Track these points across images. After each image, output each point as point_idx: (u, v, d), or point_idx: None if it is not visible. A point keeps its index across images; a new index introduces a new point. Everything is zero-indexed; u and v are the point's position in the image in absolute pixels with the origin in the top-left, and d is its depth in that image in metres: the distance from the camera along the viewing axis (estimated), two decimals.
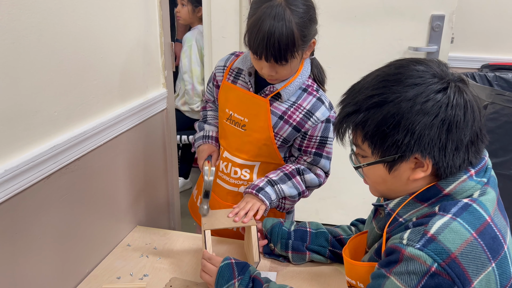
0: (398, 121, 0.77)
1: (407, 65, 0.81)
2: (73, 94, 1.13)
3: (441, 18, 2.17)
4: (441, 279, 0.72)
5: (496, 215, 0.80)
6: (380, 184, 0.88)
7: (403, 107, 0.77)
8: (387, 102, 0.78)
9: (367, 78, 0.85)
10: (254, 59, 1.19)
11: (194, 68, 2.83)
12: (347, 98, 0.86)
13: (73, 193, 1.16)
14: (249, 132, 1.31)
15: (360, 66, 2.29)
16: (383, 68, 0.85)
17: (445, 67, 0.82)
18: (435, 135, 0.77)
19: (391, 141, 0.79)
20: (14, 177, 0.94)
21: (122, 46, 1.34)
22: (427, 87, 0.77)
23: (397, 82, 0.79)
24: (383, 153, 0.81)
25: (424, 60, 0.83)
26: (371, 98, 0.80)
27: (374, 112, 0.79)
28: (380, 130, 0.79)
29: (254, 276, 1.05)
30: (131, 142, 1.44)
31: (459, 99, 0.77)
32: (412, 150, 0.78)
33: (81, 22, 1.13)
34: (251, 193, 1.28)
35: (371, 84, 0.82)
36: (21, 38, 0.94)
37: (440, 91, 0.77)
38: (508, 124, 1.96)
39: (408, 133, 0.77)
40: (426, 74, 0.79)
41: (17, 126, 0.96)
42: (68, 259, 1.17)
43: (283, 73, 1.21)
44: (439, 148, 0.78)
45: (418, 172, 0.81)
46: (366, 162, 0.86)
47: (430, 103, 0.76)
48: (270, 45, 1.10)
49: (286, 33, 1.09)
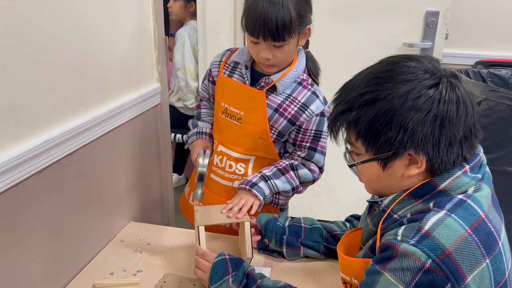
0: (390, 118, 0.77)
1: (398, 62, 0.81)
2: (66, 88, 1.12)
3: (435, 14, 2.17)
4: (435, 275, 0.71)
5: (490, 211, 0.80)
6: (375, 181, 0.88)
7: (395, 103, 0.77)
8: (379, 99, 0.78)
9: (359, 76, 0.85)
10: (251, 44, 1.20)
11: (188, 64, 2.81)
12: (340, 96, 0.86)
13: (65, 189, 1.15)
14: (245, 125, 1.31)
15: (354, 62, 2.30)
16: (375, 65, 0.85)
17: (436, 63, 0.82)
18: (428, 131, 0.77)
19: (384, 138, 0.79)
20: (5, 172, 0.93)
21: (115, 40, 1.32)
22: (419, 83, 0.77)
23: (388, 79, 0.79)
24: (377, 150, 0.81)
25: (416, 56, 0.82)
26: (363, 95, 0.80)
27: (366, 110, 0.79)
28: (373, 128, 0.79)
29: (248, 272, 1.05)
30: (124, 137, 1.42)
31: (451, 94, 0.77)
32: (406, 146, 0.78)
33: (74, 16, 1.12)
34: (244, 189, 1.28)
35: (363, 82, 0.82)
36: (12, 31, 0.93)
37: (432, 86, 0.77)
38: (501, 120, 1.97)
39: (401, 129, 0.77)
40: (417, 70, 0.79)
41: (8, 120, 0.95)
42: (61, 254, 1.16)
43: (280, 57, 1.21)
44: (432, 144, 0.77)
45: (412, 168, 0.81)
46: (360, 160, 0.86)
47: (422, 99, 0.76)
48: (268, 22, 1.11)
49: (282, 11, 1.12)
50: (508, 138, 1.98)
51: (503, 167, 2.00)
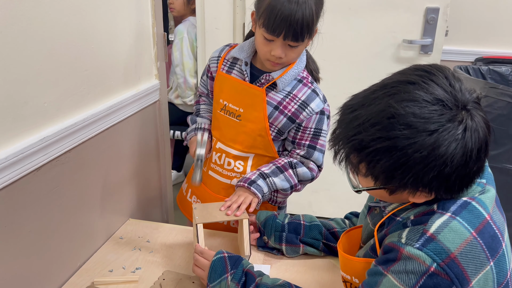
0: (408, 168, 0.72)
1: (417, 101, 0.71)
2: (64, 85, 1.11)
3: (435, 10, 2.16)
4: (440, 279, 0.71)
5: (494, 212, 0.79)
6: (379, 197, 0.87)
7: (416, 157, 0.71)
8: (398, 149, 0.71)
9: (371, 107, 0.75)
10: (263, 41, 1.19)
11: (186, 61, 2.79)
12: (349, 126, 0.77)
13: (64, 186, 1.14)
14: (244, 123, 1.30)
15: (353, 59, 2.32)
16: (389, 98, 0.73)
17: (458, 83, 0.73)
18: (444, 180, 0.73)
19: (398, 181, 0.75)
20: (3, 169, 0.93)
21: (114, 36, 1.32)
22: (447, 134, 0.70)
23: (409, 126, 0.71)
24: (387, 184, 0.78)
25: (433, 85, 0.72)
26: (379, 140, 0.73)
27: (382, 156, 0.73)
28: (387, 172, 0.75)
29: (247, 270, 1.05)
30: (123, 134, 1.42)
31: (474, 140, 0.71)
32: (418, 188, 0.75)
33: (72, 11, 1.11)
34: (243, 186, 1.28)
35: (377, 120, 0.73)
36: (9, 26, 0.92)
37: (459, 135, 0.70)
38: (501, 117, 1.96)
39: (418, 179, 0.73)
40: (442, 118, 0.70)
41: (5, 117, 0.94)
42: (59, 252, 1.16)
43: (292, 56, 1.21)
44: (445, 188, 0.74)
45: (421, 197, 0.78)
46: (366, 186, 0.82)
47: (449, 150, 0.70)
48: (293, 22, 1.11)
49: (307, 12, 1.12)
50: (508, 135, 1.98)
51: (503, 164, 2.00)
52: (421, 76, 0.74)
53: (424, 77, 0.74)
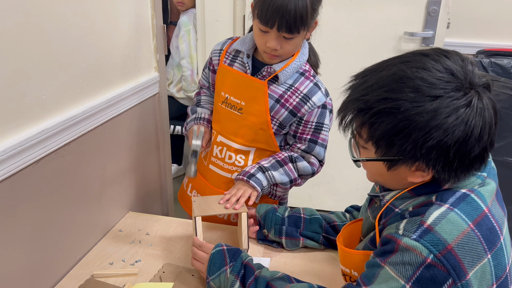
0: (409, 133, 0.73)
1: (428, 69, 0.73)
2: (62, 77, 1.11)
3: (437, 3, 2.14)
4: (437, 270, 0.71)
5: (493, 205, 0.79)
6: (377, 176, 0.86)
7: (418, 120, 0.71)
8: (400, 111, 0.72)
9: (382, 72, 0.77)
10: (259, 33, 1.18)
11: (194, 53, 2.68)
12: (357, 89, 0.79)
13: (63, 179, 1.14)
14: (246, 116, 1.29)
15: (354, 51, 2.30)
16: (401, 64, 0.76)
17: (470, 65, 0.75)
18: (443, 152, 0.73)
19: (397, 148, 0.75)
20: (2, 161, 0.92)
21: (113, 28, 1.31)
22: (450, 101, 0.71)
23: (415, 89, 0.72)
24: (386, 153, 0.78)
25: (446, 60, 0.75)
26: (384, 101, 0.74)
27: (384, 119, 0.74)
28: (387, 137, 0.75)
29: (246, 263, 1.04)
30: (122, 127, 1.41)
31: (478, 119, 0.72)
32: (417, 159, 0.75)
33: (70, 3, 1.10)
34: (242, 180, 1.27)
35: (385, 83, 0.75)
36: (6, 17, 0.91)
37: (462, 106, 0.71)
38: (502, 110, 1.96)
39: (417, 145, 0.73)
40: (449, 85, 0.72)
41: (4, 110, 0.94)
42: (59, 245, 1.16)
43: (287, 48, 1.20)
44: (443, 163, 0.74)
45: (418, 175, 0.78)
46: (365, 156, 0.83)
47: (450, 119, 0.71)
48: (286, 13, 1.10)
49: (301, 3, 1.11)
50: (509, 128, 1.97)
51: (504, 157, 1.99)
52: (436, 51, 0.77)
53: (439, 53, 0.77)
